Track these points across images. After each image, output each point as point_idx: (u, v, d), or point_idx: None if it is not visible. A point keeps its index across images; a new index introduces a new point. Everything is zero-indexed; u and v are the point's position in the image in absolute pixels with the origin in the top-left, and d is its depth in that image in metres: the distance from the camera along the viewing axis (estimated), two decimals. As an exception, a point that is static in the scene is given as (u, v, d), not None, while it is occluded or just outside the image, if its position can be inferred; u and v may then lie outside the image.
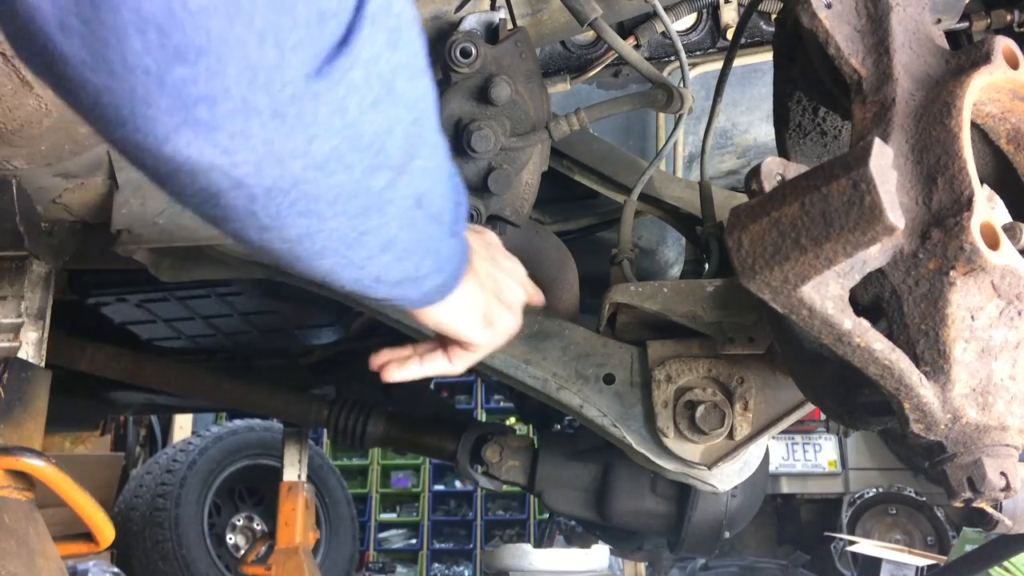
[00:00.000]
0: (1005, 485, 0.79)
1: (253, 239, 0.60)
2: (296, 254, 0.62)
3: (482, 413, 7.70)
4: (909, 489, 5.24)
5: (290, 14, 0.46)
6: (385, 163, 0.59)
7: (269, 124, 0.49)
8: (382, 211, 0.63)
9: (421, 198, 0.66)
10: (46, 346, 1.31)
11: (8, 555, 1.08)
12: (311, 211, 0.58)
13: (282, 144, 0.50)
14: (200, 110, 0.46)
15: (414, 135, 0.60)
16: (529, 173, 1.24)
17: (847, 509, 5.24)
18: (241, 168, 0.51)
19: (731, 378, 1.24)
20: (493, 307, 0.93)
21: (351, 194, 0.58)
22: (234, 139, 0.48)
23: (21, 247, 1.29)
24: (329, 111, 0.51)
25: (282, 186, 0.54)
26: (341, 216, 0.60)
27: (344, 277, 0.67)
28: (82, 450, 4.65)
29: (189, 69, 0.44)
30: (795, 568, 4.91)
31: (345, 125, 0.53)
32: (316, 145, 0.52)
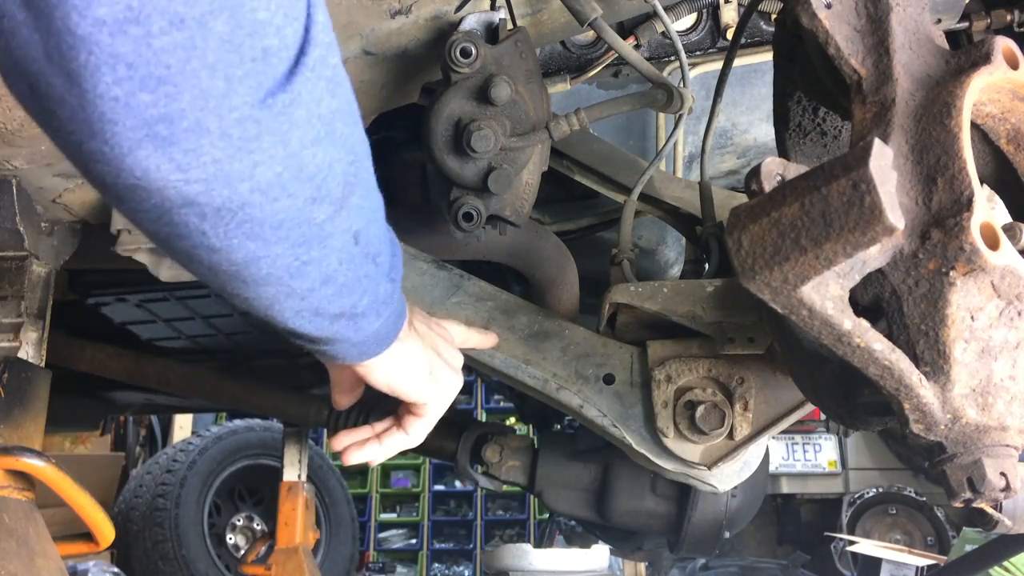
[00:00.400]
0: (1005, 485, 0.79)
1: (203, 259, 0.65)
2: (243, 278, 0.68)
3: (482, 413, 7.71)
4: (909, 489, 5.24)
5: (237, 51, 0.54)
6: (326, 196, 0.65)
7: (218, 144, 0.56)
8: (323, 243, 0.69)
9: (358, 235, 0.73)
10: (46, 346, 1.31)
11: (8, 555, 1.08)
12: (257, 234, 0.63)
13: (229, 165, 0.57)
14: (159, 127, 0.54)
15: (351, 174, 0.68)
16: (529, 173, 1.24)
17: (847, 509, 5.24)
18: (193, 185, 0.57)
19: (731, 378, 1.24)
20: (436, 365, 1.00)
21: (294, 222, 0.64)
22: (187, 155, 0.55)
23: (21, 247, 1.29)
24: (272, 140, 0.58)
25: (230, 207, 0.60)
26: (284, 243, 0.65)
27: (286, 307, 0.73)
28: (82, 450, 4.65)
29: (151, 95, 0.52)
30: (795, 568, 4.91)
31: (288, 155, 0.60)
32: (260, 170, 0.59)
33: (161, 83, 0.52)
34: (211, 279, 0.69)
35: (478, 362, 1.34)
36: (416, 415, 1.05)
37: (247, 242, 0.63)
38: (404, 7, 1.15)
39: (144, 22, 0.50)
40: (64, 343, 2.17)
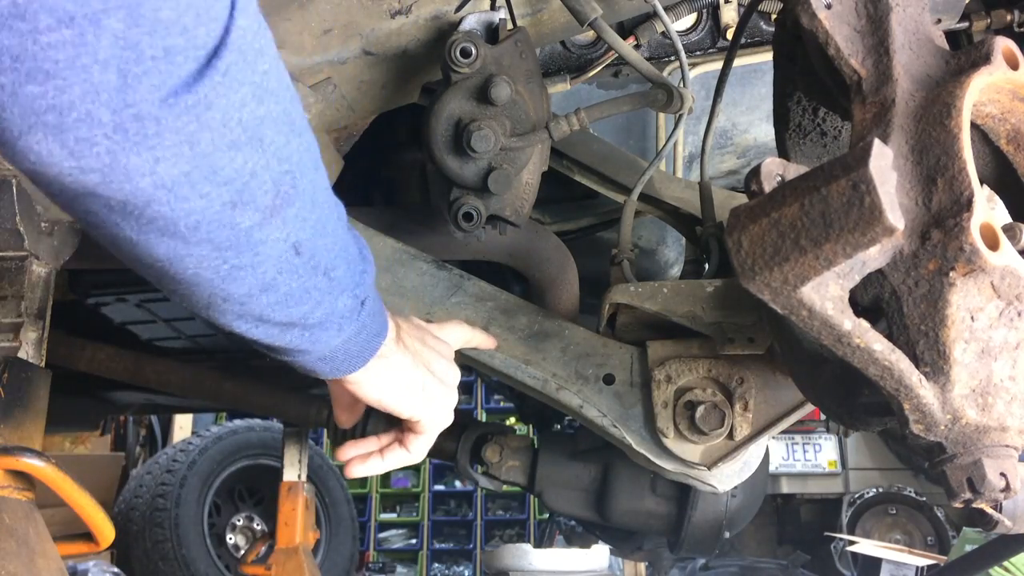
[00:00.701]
0: (1005, 486, 0.79)
1: (125, 252, 0.65)
2: (170, 275, 0.67)
3: (482, 413, 7.71)
4: (909, 489, 5.25)
5: (134, 49, 0.54)
6: (250, 203, 0.64)
7: (112, 136, 0.55)
8: (255, 251, 0.67)
9: (299, 246, 0.71)
10: (46, 346, 1.31)
11: (8, 555, 1.08)
12: (172, 232, 0.62)
13: (126, 158, 0.56)
14: (49, 116, 0.54)
15: (287, 184, 0.66)
16: (529, 173, 1.24)
17: (847, 509, 5.24)
18: (89, 176, 0.57)
19: (731, 378, 1.24)
20: (428, 381, 0.99)
21: (213, 225, 0.63)
22: (79, 144, 0.55)
23: (21, 247, 1.29)
24: (176, 139, 0.57)
25: (135, 202, 0.59)
26: (206, 244, 0.64)
27: (225, 309, 0.72)
28: (82, 450, 4.65)
29: (39, 87, 0.53)
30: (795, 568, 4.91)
31: (196, 156, 0.59)
32: (163, 167, 0.58)
33: (49, 77, 0.52)
34: (143, 273, 0.69)
35: (478, 362, 1.34)
36: (414, 432, 1.05)
37: (164, 239, 0.63)
38: (404, 7, 1.15)
39: (30, 19, 0.51)
40: (64, 343, 2.17)
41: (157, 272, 0.68)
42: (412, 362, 0.97)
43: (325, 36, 1.14)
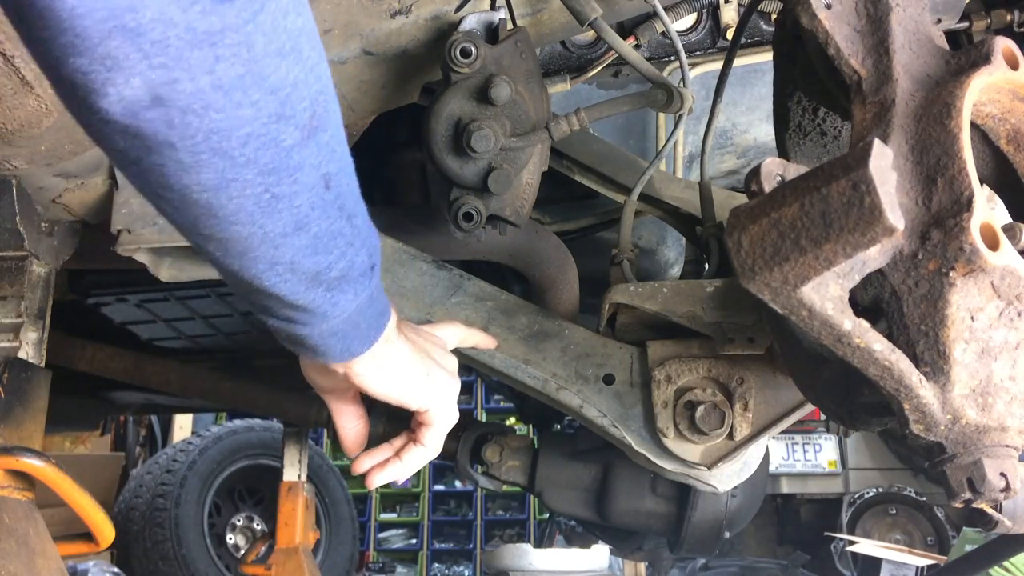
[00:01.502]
0: (1005, 486, 0.79)
1: (175, 184, 0.65)
2: (214, 210, 0.67)
3: (482, 413, 7.71)
4: (909, 489, 5.25)
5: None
6: (292, 117, 0.65)
7: (183, 36, 0.57)
8: (292, 176, 0.67)
9: (328, 179, 0.71)
10: (46, 346, 1.31)
11: (8, 555, 1.08)
12: (224, 150, 0.63)
13: (190, 54, 0.58)
14: (127, 17, 0.55)
15: (320, 105, 0.67)
16: (529, 173, 1.24)
17: (847, 509, 5.24)
18: (157, 72, 0.58)
19: (731, 378, 1.24)
20: (431, 368, 0.99)
21: (261, 140, 0.64)
22: (154, 46, 0.57)
23: (21, 247, 1.29)
24: (235, 38, 0.59)
25: (195, 107, 0.60)
26: (253, 166, 0.65)
27: (260, 255, 0.71)
28: (82, 450, 4.65)
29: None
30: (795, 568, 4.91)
31: (251, 59, 0.60)
32: (222, 66, 0.59)
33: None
34: (183, 212, 0.68)
35: (478, 362, 1.34)
36: (425, 424, 1.04)
37: (215, 159, 0.63)
38: (404, 7, 1.15)
39: None
40: (64, 343, 2.17)
41: (200, 210, 0.67)
42: (413, 349, 0.96)
43: (325, 36, 1.14)
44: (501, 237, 1.32)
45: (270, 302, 0.78)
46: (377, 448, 1.08)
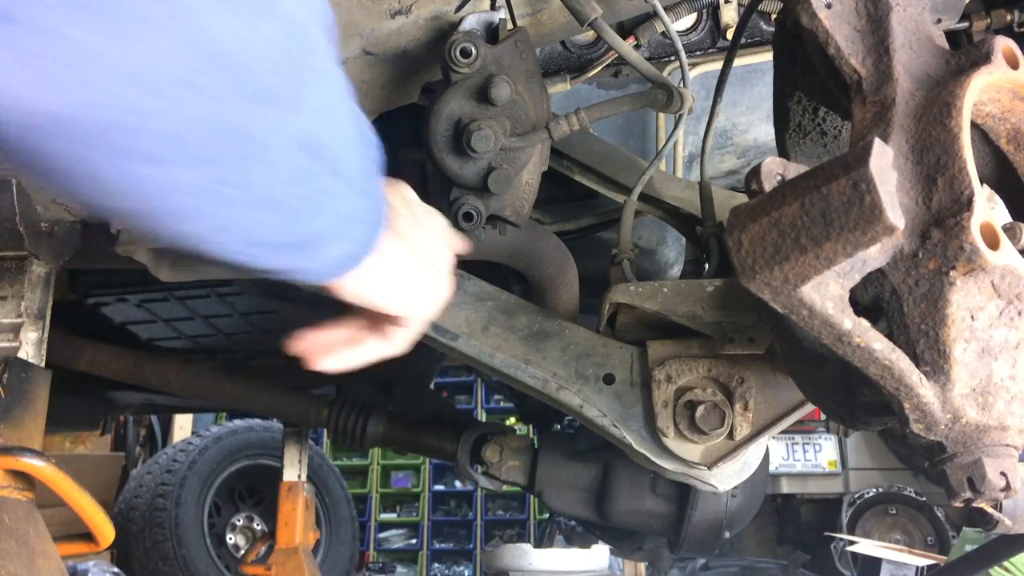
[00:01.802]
0: (1005, 485, 0.79)
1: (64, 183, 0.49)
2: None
3: (482, 413, 7.71)
4: (909, 489, 5.25)
5: None
6: (255, 92, 0.49)
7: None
8: (260, 157, 0.53)
9: (311, 144, 0.56)
10: (46, 346, 1.31)
11: (8, 555, 1.08)
12: (148, 153, 0.47)
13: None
14: None
15: (297, 62, 0.52)
16: (529, 173, 1.24)
17: (847, 509, 5.24)
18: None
19: (731, 378, 1.24)
20: (423, 271, 0.82)
21: (207, 125, 0.48)
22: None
23: (21, 247, 1.29)
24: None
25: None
26: (205, 165, 0.50)
27: (208, 240, 0.58)
28: (82, 450, 4.65)
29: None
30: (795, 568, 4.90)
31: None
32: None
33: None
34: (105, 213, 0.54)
35: (478, 362, 1.34)
36: (398, 324, 0.86)
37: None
38: (404, 7, 1.15)
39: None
40: (64, 343, 2.17)
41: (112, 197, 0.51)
42: (406, 252, 0.79)
43: (325, 36, 1.14)
44: (501, 237, 1.32)
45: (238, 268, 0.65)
46: (326, 330, 0.89)
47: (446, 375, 7.40)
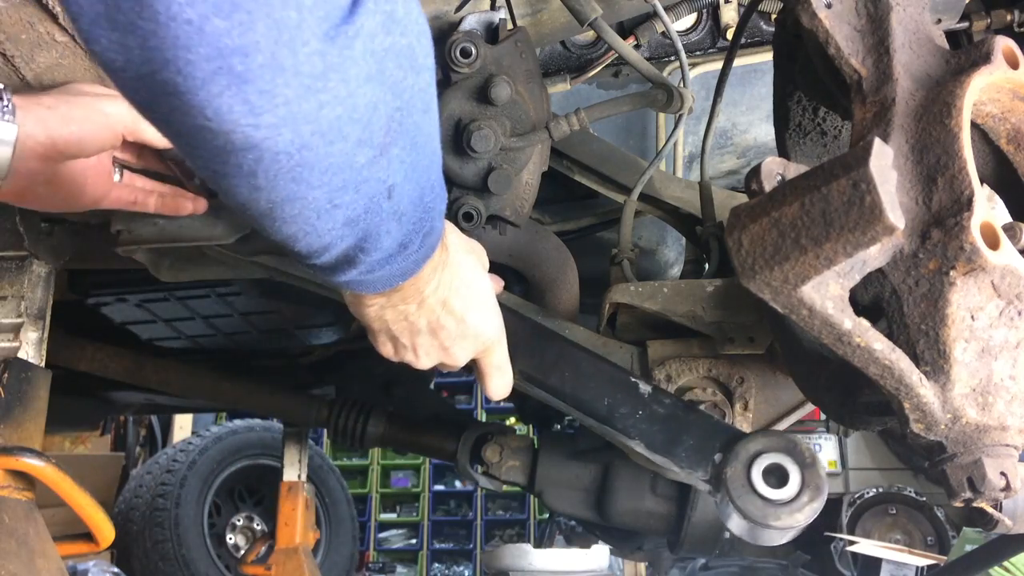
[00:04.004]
0: (1005, 485, 0.79)
1: (240, 196, 0.63)
2: (273, 216, 0.65)
3: (482, 413, 7.70)
4: (909, 489, 5.24)
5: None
6: (369, 140, 0.62)
7: (292, 83, 0.54)
8: (357, 188, 0.66)
9: (393, 190, 0.69)
10: (46, 346, 1.31)
11: (8, 555, 1.08)
12: (303, 179, 0.61)
13: (298, 106, 0.55)
14: (235, 61, 0.51)
15: (396, 121, 0.64)
16: (529, 173, 1.24)
17: (847, 509, 5.23)
18: (262, 131, 0.55)
19: (731, 378, 1.24)
20: (418, 339, 0.94)
21: (340, 167, 0.62)
22: (262, 96, 0.53)
23: (21, 247, 1.29)
24: (337, 78, 0.56)
25: (289, 151, 0.58)
26: (326, 187, 0.63)
27: (302, 244, 0.70)
28: (82, 450, 4.65)
29: (224, 21, 0.50)
30: (795, 568, 4.90)
31: (348, 94, 0.57)
32: (325, 112, 0.57)
33: (235, 8, 0.49)
34: (240, 211, 0.66)
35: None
36: (485, 364, 1.03)
37: (291, 184, 0.61)
38: (404, 7, 1.15)
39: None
40: (64, 343, 2.16)
41: (259, 214, 0.65)
42: (414, 311, 0.91)
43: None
44: (501, 237, 1.32)
45: (286, 248, 0.75)
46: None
47: (446, 375, 7.40)
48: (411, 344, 0.95)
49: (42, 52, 0.92)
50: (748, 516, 0.97)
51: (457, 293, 0.92)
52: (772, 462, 0.99)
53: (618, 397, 1.12)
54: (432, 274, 0.87)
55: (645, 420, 1.10)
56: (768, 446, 1.00)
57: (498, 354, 1.03)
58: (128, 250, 1.31)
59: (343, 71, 0.56)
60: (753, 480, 0.99)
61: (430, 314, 0.91)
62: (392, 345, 0.96)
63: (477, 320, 0.96)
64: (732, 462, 1.00)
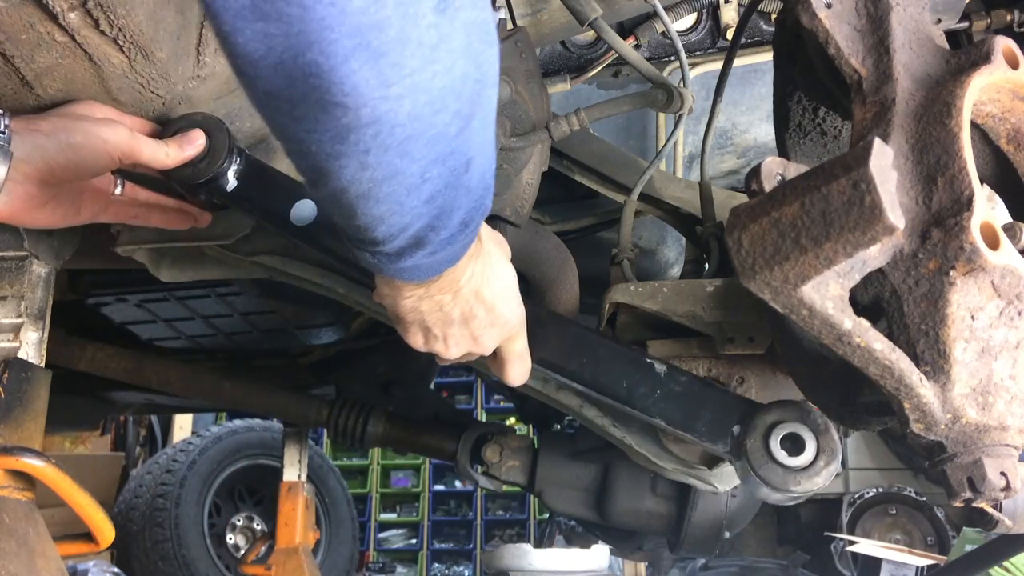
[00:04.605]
0: (1005, 485, 0.79)
1: (344, 178, 0.65)
2: (368, 196, 0.67)
3: (482, 413, 7.70)
4: (909, 489, 5.24)
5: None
6: (459, 110, 0.65)
7: (415, 54, 0.58)
8: (444, 161, 0.68)
9: (470, 163, 0.71)
10: (46, 346, 1.31)
11: (8, 555, 1.08)
12: (408, 152, 0.64)
13: (419, 77, 0.59)
14: (371, 36, 0.55)
15: (476, 93, 0.66)
16: (529, 173, 1.24)
17: (847, 509, 5.23)
18: (389, 102, 0.59)
19: (731, 378, 1.24)
20: (449, 329, 0.96)
21: (440, 137, 0.65)
22: (392, 68, 0.57)
23: (21, 247, 1.29)
24: (445, 48, 0.59)
25: (404, 122, 0.61)
26: (423, 160, 0.66)
27: (383, 225, 0.72)
28: (82, 450, 4.65)
29: (361, 1, 0.54)
30: (795, 568, 4.90)
31: (451, 65, 0.61)
32: (436, 81, 0.60)
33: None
34: (337, 195, 0.68)
35: (478, 363, 1.33)
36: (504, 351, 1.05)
37: (396, 160, 0.64)
38: (404, 7, 1.15)
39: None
40: (64, 343, 2.17)
41: (357, 195, 0.68)
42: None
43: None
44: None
45: (360, 235, 0.76)
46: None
47: (446, 375, 7.39)
48: (443, 335, 0.97)
49: (42, 52, 0.92)
50: (770, 484, 1.04)
51: (487, 283, 0.95)
52: (789, 431, 1.05)
53: (636, 378, 1.14)
54: (467, 263, 0.89)
55: (664, 399, 1.13)
56: (784, 416, 1.05)
57: (520, 342, 1.06)
58: (128, 250, 1.31)
59: (449, 42, 0.59)
60: (772, 449, 1.05)
61: (463, 304, 0.94)
62: (423, 336, 0.97)
63: (505, 309, 0.98)
64: (751, 433, 1.06)
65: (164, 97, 1.03)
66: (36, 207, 0.98)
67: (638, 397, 1.14)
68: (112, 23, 0.88)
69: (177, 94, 1.04)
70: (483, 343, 1.00)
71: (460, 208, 0.75)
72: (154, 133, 1.05)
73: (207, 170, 1.06)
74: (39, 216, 0.99)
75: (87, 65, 0.95)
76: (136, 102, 1.03)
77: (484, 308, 0.96)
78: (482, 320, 0.97)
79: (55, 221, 1.02)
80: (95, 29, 0.89)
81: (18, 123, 0.92)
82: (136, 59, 0.95)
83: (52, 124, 0.95)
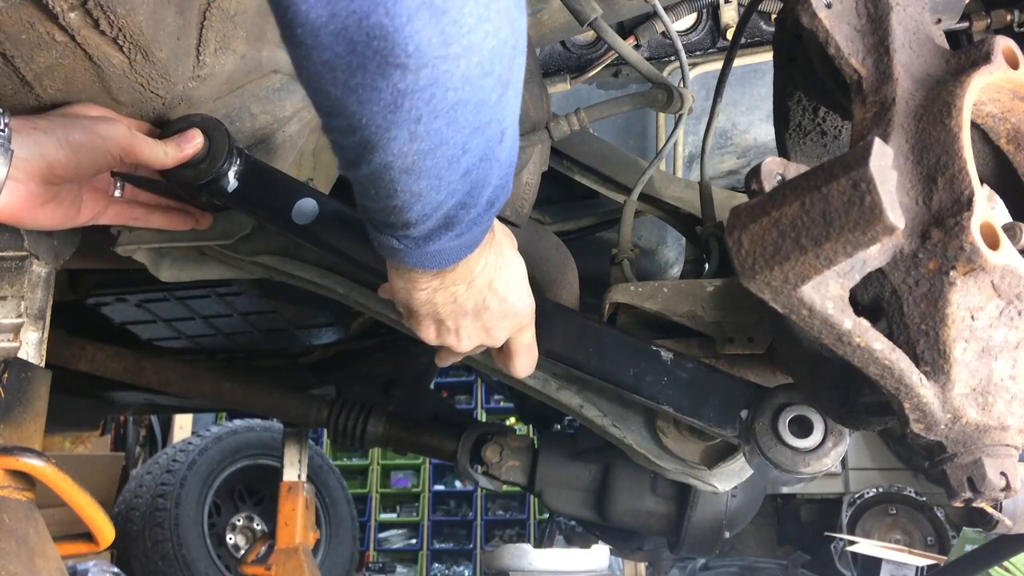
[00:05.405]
0: (1005, 485, 0.79)
1: (392, 151, 0.66)
2: (411, 170, 0.68)
3: (482, 413, 7.70)
4: (909, 489, 5.24)
5: None
6: (500, 76, 0.65)
7: (473, 12, 0.58)
8: (483, 131, 0.68)
9: (505, 133, 0.71)
10: (46, 346, 1.31)
11: (8, 555, 1.08)
12: (456, 119, 0.65)
13: (475, 35, 0.59)
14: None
15: (512, 60, 0.67)
16: (529, 173, 1.24)
17: (847, 509, 5.23)
18: (448, 62, 0.59)
19: (731, 378, 1.24)
20: (462, 321, 0.96)
21: (485, 103, 0.65)
22: (453, 26, 0.58)
23: (21, 247, 1.29)
24: (496, 8, 0.60)
25: (457, 85, 0.62)
26: (467, 129, 0.66)
27: (419, 203, 0.72)
28: (82, 450, 4.65)
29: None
30: (795, 568, 4.90)
31: (499, 27, 0.61)
32: (487, 41, 0.61)
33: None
34: (380, 172, 0.68)
35: (478, 362, 1.33)
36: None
37: (444, 128, 0.65)
38: (404, 7, 1.15)
39: None
40: (64, 343, 2.17)
41: (403, 167, 0.68)
42: (463, 294, 0.93)
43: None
44: (501, 237, 1.32)
45: (392, 217, 0.76)
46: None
47: (446, 375, 7.40)
48: (455, 327, 0.97)
49: (42, 52, 0.92)
50: (780, 466, 1.05)
51: (500, 274, 0.95)
52: (796, 413, 1.06)
53: (642, 366, 1.15)
54: (481, 254, 0.89)
55: (671, 385, 1.14)
56: (791, 398, 1.07)
57: (528, 333, 1.06)
58: (128, 250, 1.31)
59: (498, 4, 0.60)
60: (780, 432, 1.06)
61: (477, 295, 0.94)
62: (436, 329, 0.97)
63: (516, 299, 0.99)
64: (759, 417, 1.07)
65: (164, 97, 1.03)
66: (37, 206, 0.98)
67: (645, 385, 1.14)
68: (112, 23, 0.88)
69: (177, 94, 1.04)
70: (495, 334, 1.00)
71: (490, 184, 0.75)
72: (152, 135, 1.06)
73: (207, 171, 1.06)
74: (40, 216, 0.99)
75: (87, 65, 0.95)
76: (136, 102, 1.03)
77: (497, 299, 0.96)
78: (495, 311, 0.97)
79: (56, 221, 1.02)
80: (95, 29, 0.89)
81: (17, 122, 0.92)
82: (136, 59, 0.95)
83: (51, 122, 0.95)
